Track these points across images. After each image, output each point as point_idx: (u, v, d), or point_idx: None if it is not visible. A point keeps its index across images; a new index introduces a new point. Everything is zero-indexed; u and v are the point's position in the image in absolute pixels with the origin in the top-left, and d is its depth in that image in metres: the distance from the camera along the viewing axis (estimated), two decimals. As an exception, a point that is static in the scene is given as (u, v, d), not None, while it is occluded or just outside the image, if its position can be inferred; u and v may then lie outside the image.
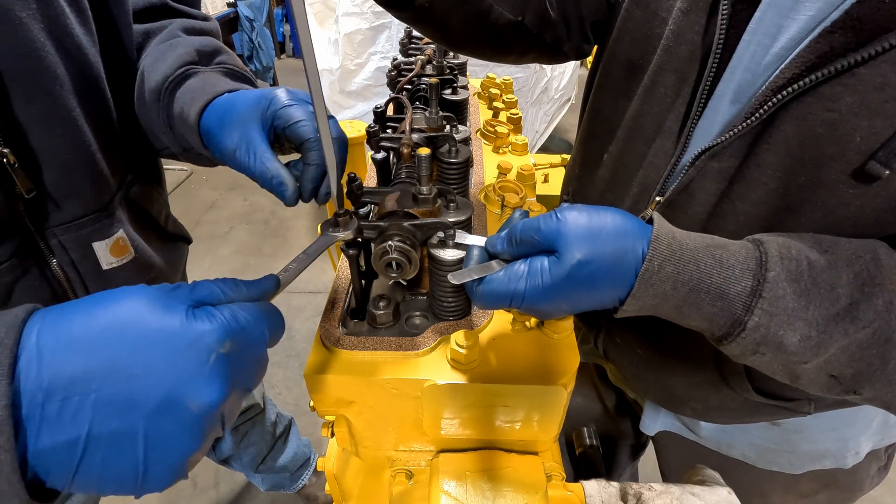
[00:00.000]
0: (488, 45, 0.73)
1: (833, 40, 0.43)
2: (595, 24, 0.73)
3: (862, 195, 0.46)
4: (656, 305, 0.45)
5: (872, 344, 0.42)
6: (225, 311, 0.36)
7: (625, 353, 0.77)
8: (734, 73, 0.51)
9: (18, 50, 0.53)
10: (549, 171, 1.32)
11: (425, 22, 0.68)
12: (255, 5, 3.83)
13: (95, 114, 0.63)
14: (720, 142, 0.51)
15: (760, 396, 0.63)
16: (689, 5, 0.54)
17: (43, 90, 0.56)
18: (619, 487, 0.53)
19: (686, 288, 0.43)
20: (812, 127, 0.46)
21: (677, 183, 0.57)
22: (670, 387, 0.72)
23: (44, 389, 0.29)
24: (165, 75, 0.61)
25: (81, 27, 0.58)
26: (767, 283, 0.42)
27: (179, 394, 0.32)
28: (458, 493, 0.54)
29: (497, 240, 0.48)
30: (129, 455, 0.31)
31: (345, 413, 0.57)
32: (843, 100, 0.44)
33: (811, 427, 0.70)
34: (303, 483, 1.57)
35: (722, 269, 0.43)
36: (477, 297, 0.47)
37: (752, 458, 0.76)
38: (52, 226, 0.61)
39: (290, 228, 3.09)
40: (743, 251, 0.44)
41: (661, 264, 0.42)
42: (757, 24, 0.48)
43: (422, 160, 0.54)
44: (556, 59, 0.79)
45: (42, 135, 0.57)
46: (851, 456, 0.72)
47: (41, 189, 0.59)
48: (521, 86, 2.59)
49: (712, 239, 0.46)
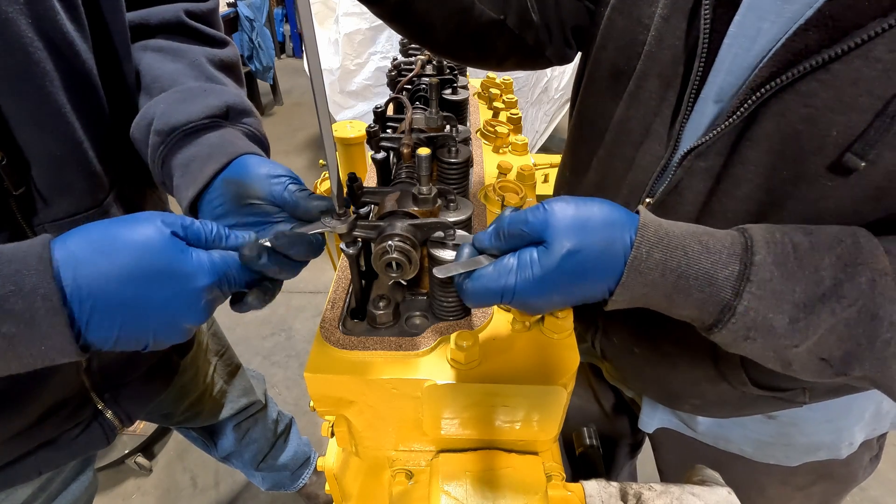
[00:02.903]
0: (470, 47, 0.72)
1: (807, 38, 0.44)
2: (576, 30, 0.74)
3: (840, 187, 0.47)
4: (646, 294, 0.45)
5: (859, 322, 0.43)
6: (214, 255, 0.46)
7: (622, 352, 0.77)
8: (717, 76, 0.52)
9: (5, 46, 0.52)
10: (549, 171, 1.32)
11: (406, 19, 0.67)
12: (255, 5, 3.82)
13: (87, 111, 0.62)
14: (705, 141, 0.52)
15: (757, 389, 0.64)
16: (669, 11, 0.55)
17: (32, 86, 0.55)
18: (619, 487, 0.53)
19: (675, 275, 0.43)
20: (791, 123, 0.47)
21: (666, 184, 0.58)
22: (668, 384, 0.73)
23: (80, 286, 0.40)
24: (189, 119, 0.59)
25: (72, 23, 0.58)
26: (754, 267, 0.42)
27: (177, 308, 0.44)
28: (458, 493, 0.54)
29: (484, 235, 0.48)
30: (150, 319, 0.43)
31: (345, 413, 0.57)
32: (819, 95, 0.45)
33: (806, 419, 0.71)
34: (303, 482, 1.57)
35: (709, 254, 0.43)
36: (467, 293, 0.47)
37: (749, 451, 0.77)
38: (43, 222, 0.61)
39: (290, 228, 3.09)
40: (729, 238, 0.45)
41: (649, 251, 0.43)
42: (738, 27, 0.49)
43: (422, 160, 0.54)
44: (538, 63, 0.79)
45: (31, 131, 0.57)
46: (846, 447, 0.73)
47: (31, 186, 0.59)
48: (521, 86, 2.59)
49: (698, 227, 0.46)
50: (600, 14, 0.66)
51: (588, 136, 0.72)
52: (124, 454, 1.73)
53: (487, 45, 0.72)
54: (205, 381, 1.13)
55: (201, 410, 1.16)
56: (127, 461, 1.75)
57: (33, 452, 0.75)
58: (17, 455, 0.73)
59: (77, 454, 0.81)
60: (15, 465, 0.73)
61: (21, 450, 0.73)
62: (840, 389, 0.66)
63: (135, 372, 0.84)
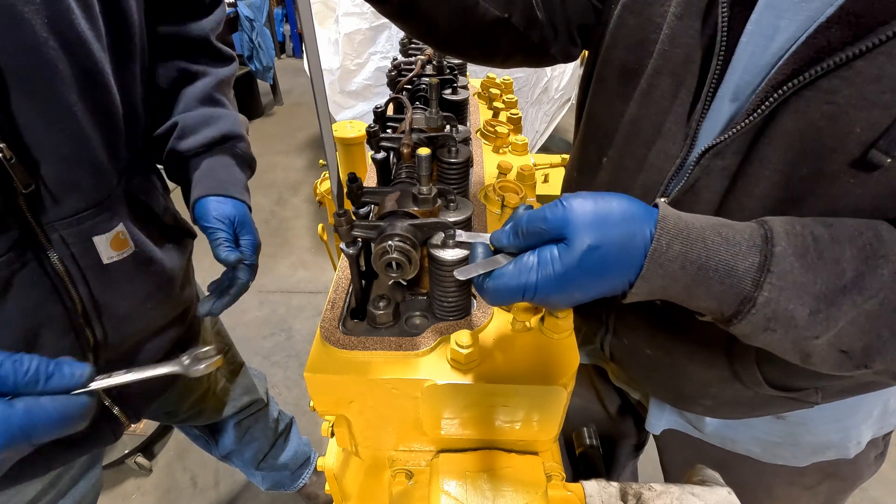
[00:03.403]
0: (475, 44, 0.72)
1: (830, 35, 0.44)
2: (582, 28, 0.74)
3: (863, 184, 0.46)
4: (666, 287, 0.45)
5: (881, 314, 0.42)
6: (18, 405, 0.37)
7: (632, 353, 0.77)
8: (733, 74, 0.51)
9: (18, 46, 0.53)
10: (549, 171, 1.32)
11: (410, 16, 0.67)
12: (255, 5, 3.83)
13: (98, 109, 0.63)
14: (723, 140, 0.52)
15: (772, 389, 0.63)
16: (682, 10, 0.55)
17: (43, 85, 0.56)
18: (618, 487, 0.53)
19: (695, 267, 0.43)
20: (812, 120, 0.46)
21: (682, 183, 0.57)
22: (680, 385, 0.72)
23: None
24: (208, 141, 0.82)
25: (87, 22, 0.59)
26: (774, 258, 0.42)
27: None
28: (458, 493, 0.54)
29: (502, 234, 0.48)
30: None
31: (345, 413, 0.57)
32: (841, 92, 0.44)
33: (815, 419, 0.71)
34: (303, 482, 1.57)
35: (729, 245, 0.43)
36: (487, 292, 0.47)
37: (757, 452, 0.76)
38: (52, 220, 0.62)
39: (290, 228, 3.10)
40: (748, 229, 0.45)
41: (668, 243, 0.43)
42: (754, 25, 0.49)
43: (422, 160, 0.54)
44: (543, 61, 0.78)
45: (41, 130, 0.57)
46: (854, 446, 0.73)
47: (40, 184, 0.59)
48: (521, 86, 2.59)
49: (717, 219, 0.46)
50: (608, 13, 0.66)
51: (597, 136, 0.72)
52: (124, 454, 1.73)
53: (492, 42, 0.72)
54: (208, 380, 1.14)
55: (204, 408, 1.17)
56: (127, 461, 1.75)
57: (42, 450, 0.75)
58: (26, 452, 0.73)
59: (85, 451, 0.82)
60: (24, 462, 0.73)
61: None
62: (852, 389, 0.66)
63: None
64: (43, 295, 0.64)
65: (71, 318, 0.67)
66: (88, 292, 0.68)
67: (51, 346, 0.67)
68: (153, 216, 0.80)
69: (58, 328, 0.67)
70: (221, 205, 0.80)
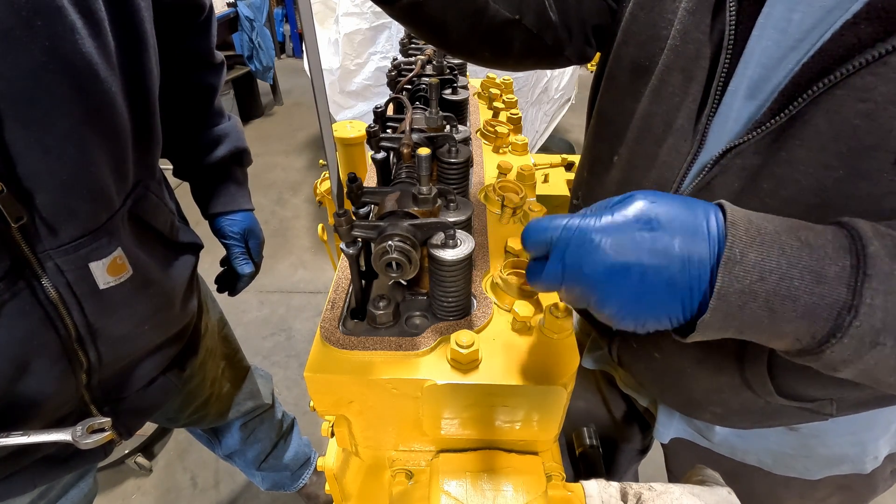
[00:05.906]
0: (486, 46, 0.71)
1: (859, 31, 0.42)
2: (597, 29, 0.73)
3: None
4: (742, 307, 0.38)
5: None
6: None
7: (642, 359, 0.75)
8: (746, 69, 0.50)
9: (14, 72, 0.51)
10: (549, 171, 1.32)
11: (419, 19, 0.66)
12: (255, 5, 3.82)
13: (104, 131, 0.61)
14: (747, 139, 0.50)
15: (783, 399, 0.61)
16: (695, 5, 0.54)
17: (40, 112, 0.54)
18: (619, 487, 0.53)
19: (775, 276, 0.37)
20: (847, 119, 0.44)
21: (698, 181, 0.56)
22: (689, 391, 0.70)
23: None
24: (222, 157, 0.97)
25: (94, 41, 0.56)
26: (869, 259, 0.37)
27: None
28: (458, 493, 0.54)
29: None
30: None
31: (345, 413, 0.57)
32: (877, 89, 0.43)
33: (829, 431, 0.69)
34: (303, 482, 1.57)
35: (811, 250, 0.38)
36: (525, 232, 0.46)
37: (769, 463, 0.74)
38: (47, 248, 0.59)
39: (290, 228, 3.09)
40: (828, 231, 0.40)
41: (742, 251, 0.38)
42: (766, 18, 0.48)
43: (422, 160, 0.54)
44: (557, 62, 0.77)
45: (36, 158, 0.55)
46: (871, 461, 0.71)
47: (34, 214, 0.57)
48: (521, 86, 2.59)
49: (790, 220, 0.41)
50: (622, 11, 0.65)
51: (608, 134, 0.71)
52: (124, 454, 1.73)
53: (503, 44, 0.71)
54: (211, 386, 1.12)
55: (206, 414, 1.16)
56: (127, 461, 1.75)
57: (30, 467, 0.73)
58: (14, 469, 0.71)
59: (74, 468, 0.80)
60: (12, 479, 0.72)
61: (20, 465, 0.72)
62: (869, 402, 0.63)
63: (135, 386, 0.82)
64: (35, 323, 0.62)
65: (64, 344, 0.65)
66: (83, 318, 0.66)
67: (43, 372, 0.64)
68: (157, 236, 0.78)
69: (51, 354, 0.64)
70: (236, 221, 0.99)
